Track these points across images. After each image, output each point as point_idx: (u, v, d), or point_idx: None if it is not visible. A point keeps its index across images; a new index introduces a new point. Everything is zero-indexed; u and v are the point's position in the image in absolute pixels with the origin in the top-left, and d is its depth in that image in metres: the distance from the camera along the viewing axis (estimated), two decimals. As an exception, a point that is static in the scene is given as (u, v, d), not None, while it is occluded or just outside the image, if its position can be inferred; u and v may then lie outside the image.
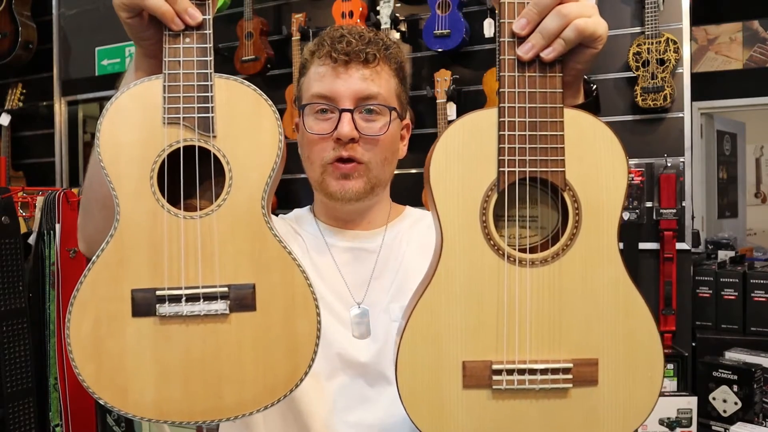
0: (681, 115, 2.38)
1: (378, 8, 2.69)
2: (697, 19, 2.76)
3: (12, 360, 2.12)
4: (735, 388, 2.07)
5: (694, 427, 2.09)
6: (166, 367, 0.69)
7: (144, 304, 0.69)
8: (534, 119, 0.68)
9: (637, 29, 2.42)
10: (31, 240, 2.29)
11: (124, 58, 3.61)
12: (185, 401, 0.69)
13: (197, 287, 0.69)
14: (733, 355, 2.20)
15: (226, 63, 3.10)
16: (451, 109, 2.61)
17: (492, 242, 0.69)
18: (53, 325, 2.26)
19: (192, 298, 0.69)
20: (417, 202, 2.56)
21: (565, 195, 0.69)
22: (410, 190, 2.62)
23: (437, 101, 2.59)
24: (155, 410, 0.69)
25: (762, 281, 2.31)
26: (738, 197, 4.85)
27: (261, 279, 0.70)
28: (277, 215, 1.16)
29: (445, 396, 0.69)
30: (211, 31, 0.71)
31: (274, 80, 3.02)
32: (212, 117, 0.69)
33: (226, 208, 0.70)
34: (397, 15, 2.71)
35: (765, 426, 2.03)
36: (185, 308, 0.69)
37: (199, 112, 0.69)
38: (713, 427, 2.11)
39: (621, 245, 0.71)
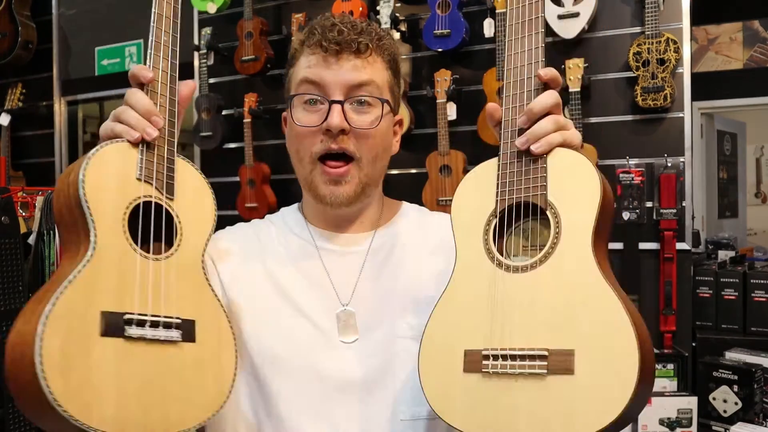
0: (681, 115, 2.38)
1: (378, 8, 2.69)
2: (697, 19, 2.76)
3: (12, 360, 2.11)
4: (735, 388, 2.07)
5: (694, 427, 2.09)
6: (126, 384, 0.76)
7: (112, 325, 0.76)
8: (521, 160, 0.85)
9: (637, 29, 2.42)
10: (31, 240, 2.29)
11: (124, 58, 3.62)
12: (140, 416, 0.77)
13: (159, 316, 0.80)
14: (733, 355, 2.20)
15: (226, 63, 3.11)
16: (451, 109, 2.61)
17: (490, 254, 0.84)
18: (53, 325, 2.26)
19: (154, 324, 0.79)
20: (417, 201, 2.55)
21: (548, 213, 0.82)
22: (410, 190, 2.63)
23: (437, 101, 2.59)
24: (115, 425, 0.74)
25: (762, 281, 2.31)
26: (738, 197, 4.85)
27: (199, 317, 0.84)
28: (263, 217, 1.14)
29: (451, 378, 0.83)
30: (177, 119, 0.87)
31: (274, 80, 3.03)
32: (174, 184, 0.86)
33: (177, 257, 0.84)
34: (397, 15, 2.71)
35: (765, 426, 2.02)
36: (149, 332, 0.78)
37: (166, 178, 0.85)
38: (713, 427, 2.11)
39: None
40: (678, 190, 2.34)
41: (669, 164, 2.36)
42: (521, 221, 0.85)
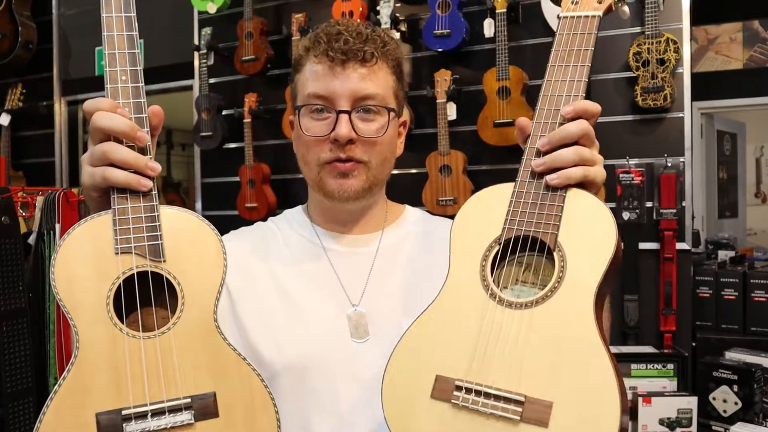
0: (681, 115, 2.38)
1: (378, 8, 2.68)
2: (697, 19, 2.76)
3: (12, 360, 2.12)
4: (735, 388, 2.07)
5: (694, 427, 2.09)
6: None
7: (110, 426, 0.70)
8: (539, 191, 0.80)
9: (637, 29, 2.42)
10: (31, 240, 2.29)
11: (124, 58, 3.61)
12: None
13: (162, 402, 0.72)
14: (733, 355, 2.20)
15: (226, 63, 3.11)
16: (451, 109, 2.61)
17: (485, 282, 0.80)
18: (53, 325, 2.26)
19: (157, 413, 0.72)
20: (417, 201, 2.56)
21: (555, 254, 0.78)
22: (410, 190, 2.63)
23: (437, 101, 2.59)
24: None
25: (762, 281, 2.31)
26: (738, 197, 4.85)
27: (220, 386, 0.75)
28: (266, 219, 1.14)
29: (416, 400, 0.78)
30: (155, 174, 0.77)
31: (274, 80, 3.03)
32: (161, 243, 0.75)
33: (182, 324, 0.75)
34: (397, 15, 2.71)
35: (765, 426, 2.02)
36: (152, 423, 0.71)
37: (148, 240, 0.75)
38: (713, 427, 2.11)
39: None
40: (678, 190, 2.34)
41: (669, 164, 2.36)
42: (525, 253, 0.80)
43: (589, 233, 0.77)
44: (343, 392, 0.96)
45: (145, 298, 0.76)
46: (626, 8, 0.84)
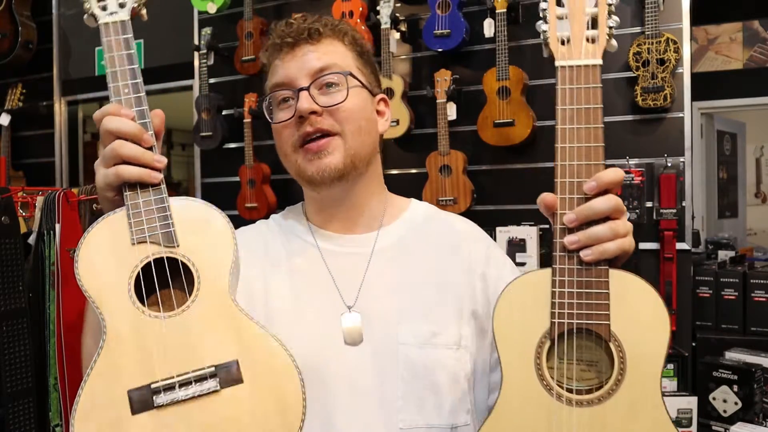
0: (681, 115, 2.38)
1: (378, 8, 2.68)
2: (697, 19, 2.76)
3: (12, 360, 2.12)
4: (735, 388, 2.07)
5: (694, 427, 2.09)
6: None
7: (141, 401, 0.76)
8: (581, 279, 0.77)
9: (637, 29, 2.42)
10: (31, 240, 2.29)
11: (124, 58, 3.61)
12: None
13: (188, 373, 0.77)
14: (733, 355, 2.20)
15: (226, 63, 3.11)
16: (451, 109, 2.61)
17: (544, 382, 0.77)
18: (53, 325, 2.26)
19: (185, 384, 0.77)
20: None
21: (611, 345, 0.76)
22: (410, 190, 2.62)
23: (437, 101, 2.59)
24: None
25: (762, 281, 2.31)
26: (738, 197, 4.85)
27: (242, 354, 0.79)
28: (267, 218, 1.13)
29: None
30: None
31: (274, 80, 3.02)
32: (173, 230, 0.81)
33: (200, 300, 0.80)
34: (397, 15, 2.71)
35: (765, 426, 2.02)
36: (180, 393, 0.76)
37: (161, 228, 0.81)
38: (713, 427, 2.11)
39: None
40: (678, 190, 2.34)
41: (669, 164, 2.36)
42: (580, 338, 0.79)
43: (642, 320, 0.76)
44: (335, 399, 0.93)
45: (163, 282, 0.81)
46: (614, 42, 0.87)
